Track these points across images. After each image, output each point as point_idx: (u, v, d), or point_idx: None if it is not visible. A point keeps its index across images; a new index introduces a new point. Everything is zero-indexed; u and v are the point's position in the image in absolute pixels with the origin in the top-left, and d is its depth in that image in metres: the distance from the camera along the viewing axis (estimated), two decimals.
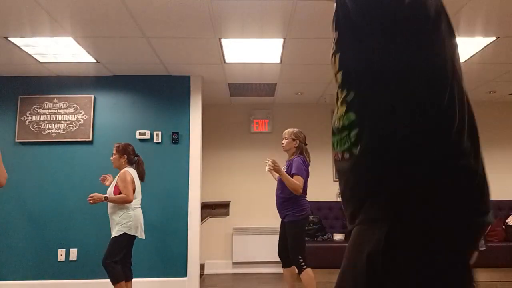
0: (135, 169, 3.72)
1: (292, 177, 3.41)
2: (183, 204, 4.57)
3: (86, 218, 4.50)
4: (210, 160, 5.83)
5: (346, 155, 0.95)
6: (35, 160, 4.59)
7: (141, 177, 3.75)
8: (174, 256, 4.50)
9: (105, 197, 3.48)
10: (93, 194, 3.48)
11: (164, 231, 4.54)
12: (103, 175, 3.85)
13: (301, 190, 3.39)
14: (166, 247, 4.51)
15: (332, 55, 0.98)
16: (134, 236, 3.56)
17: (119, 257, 3.47)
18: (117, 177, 3.60)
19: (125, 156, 3.66)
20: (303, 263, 3.35)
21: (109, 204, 3.55)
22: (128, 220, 3.49)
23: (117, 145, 3.70)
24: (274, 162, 3.42)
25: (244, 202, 5.74)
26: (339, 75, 0.96)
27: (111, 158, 3.70)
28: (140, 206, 3.68)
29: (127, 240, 3.52)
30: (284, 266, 3.60)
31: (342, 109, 0.95)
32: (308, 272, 3.34)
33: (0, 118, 4.66)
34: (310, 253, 4.85)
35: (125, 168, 3.62)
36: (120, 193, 3.50)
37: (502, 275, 4.82)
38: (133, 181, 3.57)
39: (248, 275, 5.42)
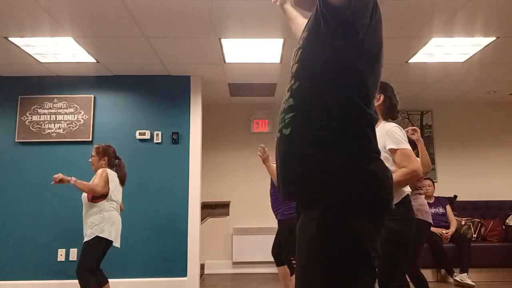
0: (116, 173, 3.52)
1: None
2: (183, 204, 4.57)
3: None
4: (210, 160, 5.83)
5: (277, 135, 1.12)
6: (35, 160, 4.59)
7: (122, 181, 3.53)
8: (174, 256, 4.50)
9: (72, 178, 3.20)
10: (58, 175, 3.18)
11: (164, 231, 4.54)
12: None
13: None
14: (166, 247, 4.51)
15: (297, 49, 1.13)
16: (109, 242, 3.28)
17: (93, 266, 3.20)
18: (94, 177, 3.41)
19: (106, 158, 3.47)
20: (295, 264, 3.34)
21: (84, 206, 3.35)
22: (100, 222, 3.23)
23: (97, 146, 3.52)
24: (264, 150, 3.42)
25: (244, 202, 5.74)
26: (295, 67, 1.10)
27: (90, 160, 3.51)
28: (117, 210, 3.42)
29: (99, 244, 3.23)
30: (277, 265, 3.62)
31: (287, 95, 1.10)
32: None
33: (0, 118, 4.66)
34: None
35: (104, 168, 3.42)
36: (93, 195, 3.29)
37: (502, 275, 4.82)
38: (107, 179, 3.34)
39: (248, 275, 5.42)
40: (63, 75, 4.71)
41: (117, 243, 3.34)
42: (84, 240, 3.26)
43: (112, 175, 3.45)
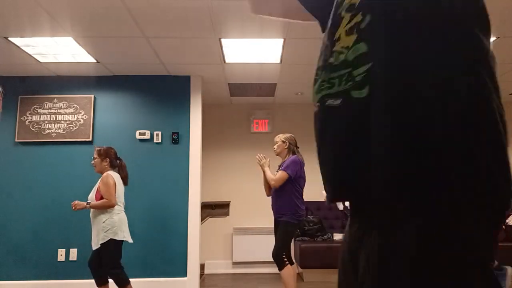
0: (119, 173, 3.62)
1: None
2: (183, 204, 4.57)
3: (86, 218, 4.49)
4: (210, 160, 5.82)
5: (336, 101, 0.69)
6: (35, 160, 4.59)
7: (125, 181, 3.65)
8: (174, 256, 4.50)
9: (87, 203, 3.43)
10: (76, 202, 3.43)
11: (164, 231, 4.54)
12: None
13: (275, 183, 3.50)
14: (166, 247, 4.51)
15: None
16: (121, 241, 3.48)
17: (119, 262, 3.45)
18: (99, 181, 3.51)
19: (108, 159, 3.56)
20: (285, 259, 3.46)
21: (92, 210, 3.48)
22: (113, 226, 3.41)
23: (99, 148, 3.60)
24: (261, 158, 3.65)
25: (244, 202, 5.74)
26: None
27: (92, 162, 3.60)
28: (124, 210, 3.58)
29: (115, 244, 3.44)
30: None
31: (349, 40, 0.70)
32: (289, 269, 3.44)
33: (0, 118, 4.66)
34: (310, 253, 4.86)
35: (108, 172, 3.51)
36: (101, 197, 3.42)
37: None
38: (115, 185, 3.47)
39: (248, 275, 5.42)
40: (63, 75, 4.71)
41: (129, 239, 3.56)
42: (100, 243, 3.40)
43: (118, 178, 3.55)
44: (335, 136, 0.70)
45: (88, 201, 3.46)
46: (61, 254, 4.45)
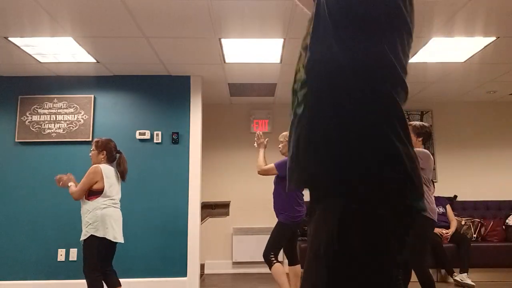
0: (117, 167, 3.40)
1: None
2: (183, 204, 4.57)
3: None
4: (210, 160, 5.83)
5: (291, 117, 0.98)
6: (35, 160, 4.59)
7: (122, 176, 3.42)
8: (174, 256, 4.50)
9: (69, 186, 3.25)
10: (62, 176, 3.26)
11: (164, 231, 4.54)
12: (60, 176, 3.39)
13: (259, 170, 3.63)
14: (166, 247, 4.51)
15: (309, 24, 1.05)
16: (108, 241, 3.17)
17: (95, 264, 3.14)
18: None
19: (105, 152, 3.35)
20: (273, 258, 3.46)
21: (81, 202, 3.27)
22: (94, 221, 3.13)
23: (97, 140, 3.41)
24: (260, 137, 3.77)
25: (244, 202, 5.74)
26: (308, 39, 1.01)
27: (90, 154, 3.43)
28: (116, 206, 3.33)
29: (96, 243, 3.14)
30: (289, 264, 3.66)
31: (302, 72, 0.99)
32: (278, 267, 3.44)
33: (0, 118, 4.66)
34: None
35: (100, 164, 3.30)
36: (90, 192, 3.23)
37: (502, 275, 4.82)
38: (101, 178, 3.23)
39: (248, 275, 5.42)
40: (63, 75, 4.71)
41: (119, 239, 3.26)
42: (81, 239, 3.21)
43: (108, 171, 3.31)
44: (293, 140, 0.96)
45: (71, 183, 3.28)
46: (61, 254, 4.45)
